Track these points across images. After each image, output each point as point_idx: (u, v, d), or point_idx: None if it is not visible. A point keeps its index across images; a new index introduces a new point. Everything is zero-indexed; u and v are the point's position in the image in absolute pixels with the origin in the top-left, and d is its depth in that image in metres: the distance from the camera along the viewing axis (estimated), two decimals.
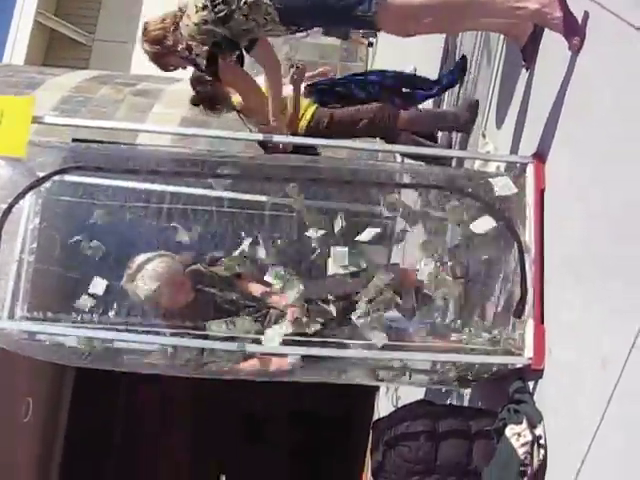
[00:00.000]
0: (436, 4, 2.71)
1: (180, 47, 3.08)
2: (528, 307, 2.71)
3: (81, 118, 7.06)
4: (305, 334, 2.86)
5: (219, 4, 2.82)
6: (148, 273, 2.90)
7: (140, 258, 2.95)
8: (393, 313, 2.92)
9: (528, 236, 2.77)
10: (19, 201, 2.82)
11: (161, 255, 2.99)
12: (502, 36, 3.52)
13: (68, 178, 3.01)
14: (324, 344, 2.82)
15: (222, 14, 2.83)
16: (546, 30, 2.83)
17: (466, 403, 3.29)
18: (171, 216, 3.08)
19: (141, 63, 12.54)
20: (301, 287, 2.90)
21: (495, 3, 2.70)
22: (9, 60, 11.32)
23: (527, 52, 3.06)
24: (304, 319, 2.91)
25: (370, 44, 9.92)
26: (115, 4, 12.20)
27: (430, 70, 4.82)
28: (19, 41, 11.56)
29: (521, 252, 2.74)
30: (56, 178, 2.93)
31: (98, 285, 2.83)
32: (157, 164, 2.97)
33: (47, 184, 2.94)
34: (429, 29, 2.96)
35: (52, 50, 12.14)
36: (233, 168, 2.99)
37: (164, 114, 7.59)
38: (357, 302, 2.93)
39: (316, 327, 2.92)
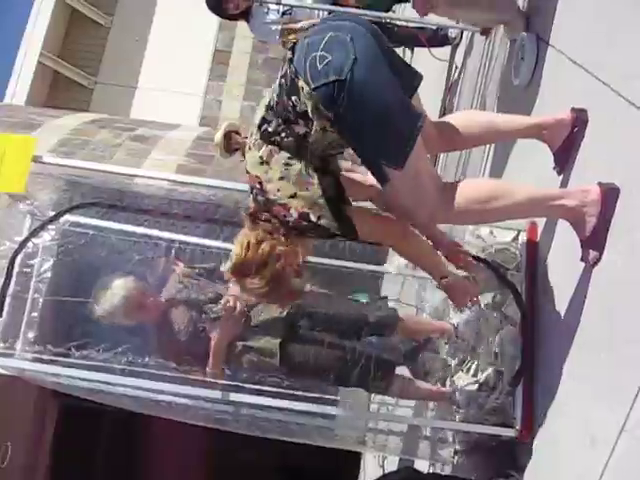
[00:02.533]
0: (469, 208, 2.32)
1: None
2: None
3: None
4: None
5: None
6: (105, 297, 3.00)
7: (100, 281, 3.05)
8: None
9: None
10: (33, 237, 2.90)
11: (117, 278, 3.06)
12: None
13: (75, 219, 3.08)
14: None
15: None
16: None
17: (452, 472, 3.22)
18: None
19: (140, 108, 12.68)
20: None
21: (531, 206, 2.37)
22: (11, 99, 11.40)
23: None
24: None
25: None
26: (118, 49, 12.35)
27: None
28: (22, 81, 11.66)
29: (525, 318, 2.71)
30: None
31: None
32: (169, 204, 3.00)
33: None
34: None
35: (54, 91, 12.24)
36: None
37: (161, 161, 7.62)
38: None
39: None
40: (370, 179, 2.42)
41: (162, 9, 12.23)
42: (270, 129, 2.28)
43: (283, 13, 5.10)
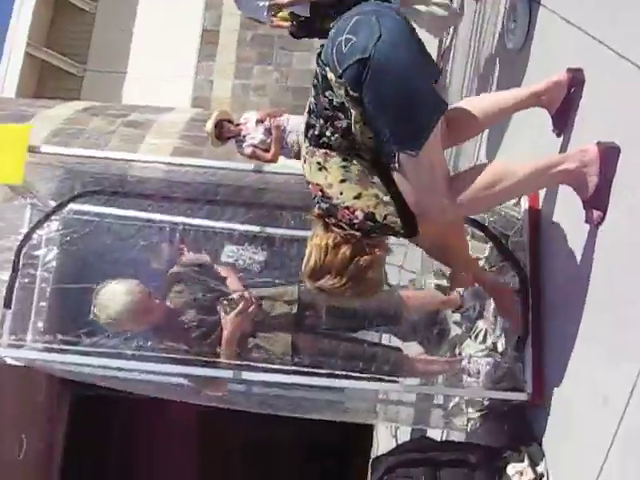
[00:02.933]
0: (476, 197, 2.29)
1: None
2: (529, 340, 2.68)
3: None
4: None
5: None
6: (108, 303, 2.88)
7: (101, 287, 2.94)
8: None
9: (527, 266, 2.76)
10: (39, 228, 2.88)
11: (115, 283, 2.95)
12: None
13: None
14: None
15: None
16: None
17: (466, 439, 3.24)
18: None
19: (132, 92, 12.58)
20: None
21: (534, 180, 2.34)
22: (1, 93, 11.32)
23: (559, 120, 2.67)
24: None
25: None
26: (105, 35, 12.23)
27: None
28: (10, 73, 11.56)
29: (523, 283, 2.71)
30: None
31: None
32: (170, 187, 2.97)
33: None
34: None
35: (43, 81, 12.14)
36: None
37: (155, 145, 7.57)
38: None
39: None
40: None
41: None
42: (316, 132, 2.24)
43: None
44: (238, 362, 2.81)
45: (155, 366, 2.82)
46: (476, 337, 3.06)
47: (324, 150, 2.23)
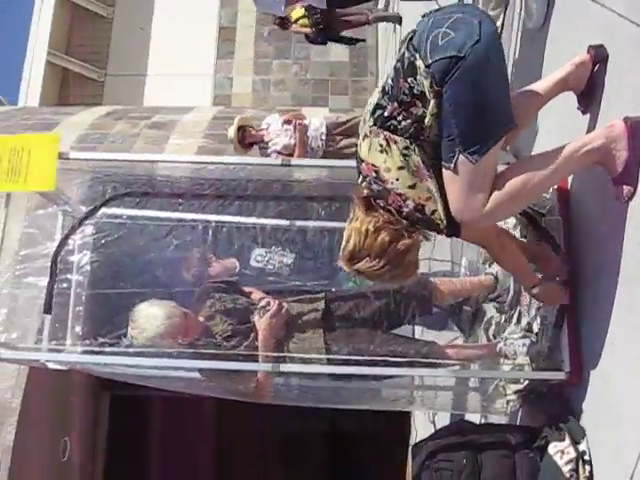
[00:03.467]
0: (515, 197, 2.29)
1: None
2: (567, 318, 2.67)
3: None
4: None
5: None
6: (145, 326, 2.92)
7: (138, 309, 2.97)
8: None
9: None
10: (75, 232, 2.92)
11: (153, 305, 2.98)
12: None
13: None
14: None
15: None
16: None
17: (505, 421, 3.24)
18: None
19: (153, 94, 12.67)
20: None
21: (563, 167, 2.31)
22: (24, 102, 11.46)
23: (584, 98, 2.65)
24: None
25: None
26: (124, 39, 12.33)
27: None
28: (33, 82, 11.71)
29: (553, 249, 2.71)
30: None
31: None
32: (200, 186, 3.00)
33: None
34: None
35: (65, 88, 12.27)
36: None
37: (179, 145, 7.63)
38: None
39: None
40: None
41: None
42: (386, 113, 2.24)
43: None
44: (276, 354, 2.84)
45: (192, 363, 2.86)
46: (511, 319, 3.06)
47: (389, 133, 2.25)
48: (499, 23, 3.89)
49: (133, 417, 9.18)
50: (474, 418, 3.63)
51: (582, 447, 2.50)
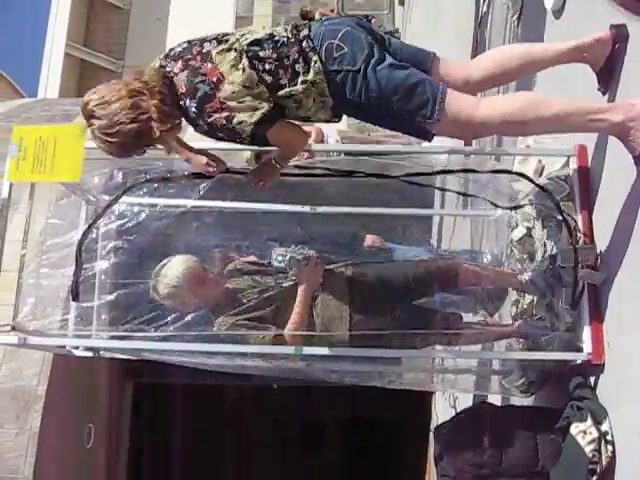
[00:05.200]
0: (507, 120, 2.40)
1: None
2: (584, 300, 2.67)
3: None
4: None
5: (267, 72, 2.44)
6: (166, 273, 2.98)
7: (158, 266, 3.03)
8: None
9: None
10: (98, 221, 2.96)
11: (176, 256, 3.05)
12: None
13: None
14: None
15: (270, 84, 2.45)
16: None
17: (527, 403, 3.25)
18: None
19: None
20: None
21: (570, 117, 2.36)
22: (44, 94, 11.56)
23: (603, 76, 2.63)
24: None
25: None
26: (141, 29, 12.38)
27: None
28: (52, 74, 11.80)
29: (572, 237, 2.70)
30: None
31: None
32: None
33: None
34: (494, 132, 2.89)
35: (84, 80, 12.36)
36: None
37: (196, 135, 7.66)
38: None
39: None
40: None
41: None
42: (261, 54, 2.41)
43: None
44: (305, 333, 2.86)
45: (216, 346, 2.88)
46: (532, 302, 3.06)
47: (250, 65, 2.40)
48: (519, 5, 3.88)
49: (156, 404, 9.28)
50: (495, 400, 3.64)
51: (604, 427, 2.51)
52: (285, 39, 2.44)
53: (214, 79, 2.39)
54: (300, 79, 2.39)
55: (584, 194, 2.80)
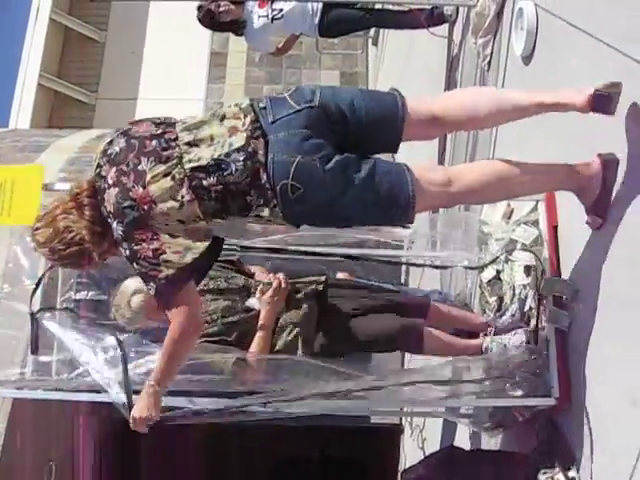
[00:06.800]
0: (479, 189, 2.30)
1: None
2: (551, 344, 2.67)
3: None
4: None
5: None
6: (117, 302, 2.87)
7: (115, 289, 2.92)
8: None
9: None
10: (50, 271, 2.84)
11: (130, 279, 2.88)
12: None
13: None
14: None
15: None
16: None
17: (495, 445, 3.23)
18: None
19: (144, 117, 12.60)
20: None
21: (532, 182, 2.35)
22: (15, 124, 11.46)
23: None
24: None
25: None
26: (115, 62, 12.38)
27: None
28: (24, 105, 11.72)
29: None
30: None
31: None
32: None
33: None
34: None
35: (57, 111, 12.30)
36: None
37: None
38: None
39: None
40: None
41: (155, 18, 12.24)
42: (204, 183, 2.15)
43: (273, 18, 5.11)
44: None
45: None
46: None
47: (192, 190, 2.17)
48: (488, 51, 3.94)
49: (121, 441, 9.08)
50: (463, 440, 3.62)
51: (572, 474, 2.49)
52: (239, 168, 2.13)
53: (145, 207, 2.15)
54: (253, 213, 2.20)
55: (552, 239, 2.82)
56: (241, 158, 2.13)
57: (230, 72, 12.03)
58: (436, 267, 3.41)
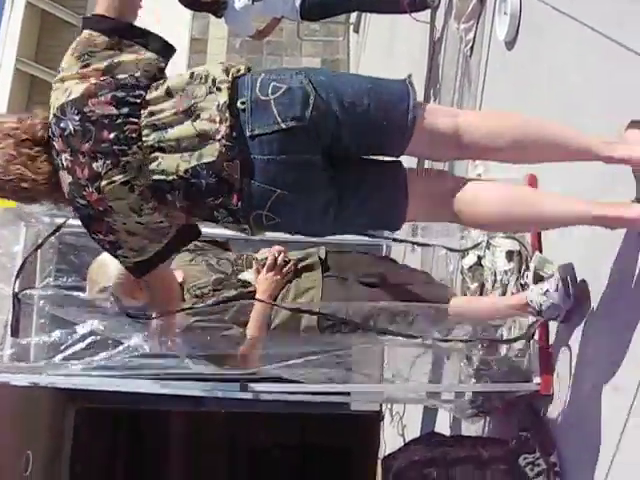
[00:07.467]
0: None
1: None
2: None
3: None
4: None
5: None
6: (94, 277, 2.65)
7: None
8: None
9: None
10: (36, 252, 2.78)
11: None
12: None
13: None
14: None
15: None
16: None
17: (476, 433, 3.23)
18: None
19: None
20: None
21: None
22: None
23: None
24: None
25: None
26: None
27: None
28: (1, 90, 11.58)
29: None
30: None
31: None
32: None
33: None
34: None
35: (34, 96, 12.15)
36: None
37: None
38: None
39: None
40: None
41: None
42: (169, 197, 1.93)
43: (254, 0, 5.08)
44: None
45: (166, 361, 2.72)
46: None
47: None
48: (471, 36, 3.92)
49: (99, 431, 9.04)
50: (444, 425, 3.62)
51: (553, 459, 2.50)
52: (203, 184, 1.87)
53: (100, 208, 1.91)
54: (219, 224, 2.01)
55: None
56: (212, 180, 1.87)
57: (210, 58, 11.94)
58: (417, 244, 3.38)
